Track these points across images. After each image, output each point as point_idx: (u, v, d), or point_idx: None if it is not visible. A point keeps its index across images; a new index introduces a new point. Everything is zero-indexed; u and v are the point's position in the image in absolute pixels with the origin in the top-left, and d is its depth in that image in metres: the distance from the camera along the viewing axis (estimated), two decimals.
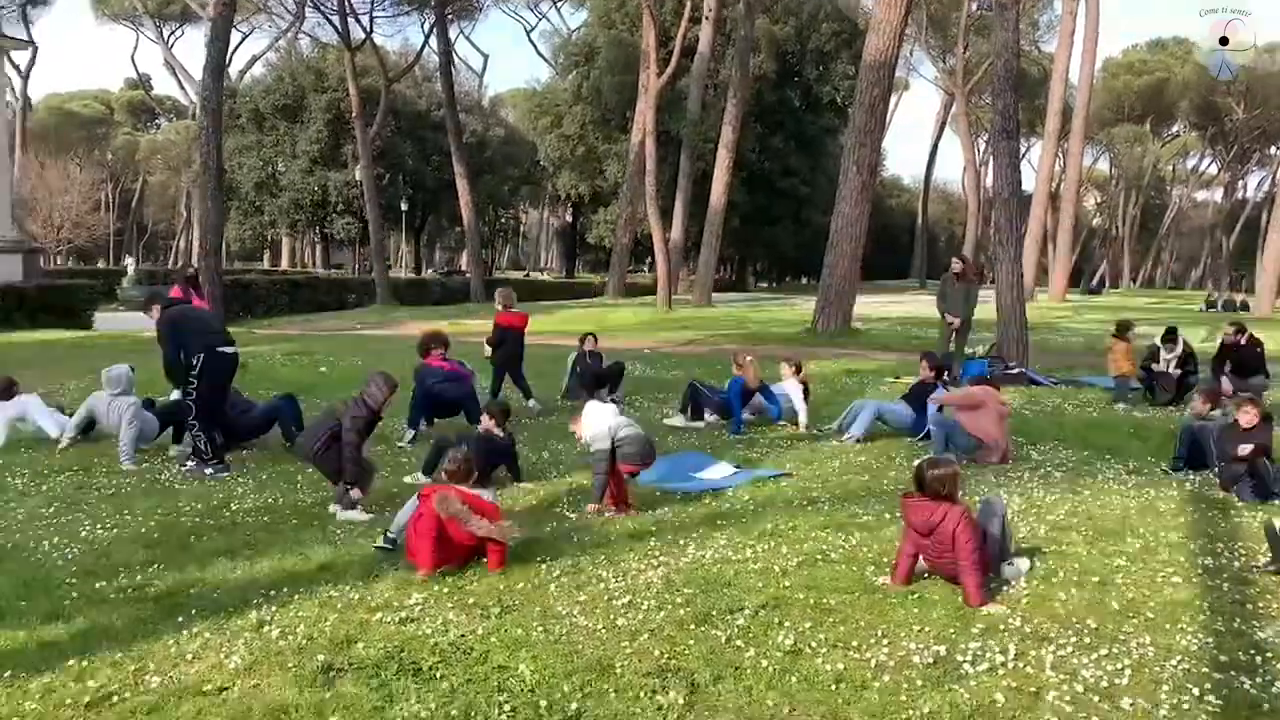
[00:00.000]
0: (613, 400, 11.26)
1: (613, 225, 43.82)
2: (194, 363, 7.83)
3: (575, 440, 7.50)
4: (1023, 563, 5.37)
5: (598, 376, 11.61)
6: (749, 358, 10.16)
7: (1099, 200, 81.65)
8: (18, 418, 8.89)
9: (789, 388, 9.99)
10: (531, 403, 11.13)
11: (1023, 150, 50.73)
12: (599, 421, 6.76)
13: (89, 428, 8.68)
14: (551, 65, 54.91)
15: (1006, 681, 4.04)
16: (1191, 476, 7.89)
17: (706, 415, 10.26)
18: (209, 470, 7.80)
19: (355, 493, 6.54)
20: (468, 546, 5.35)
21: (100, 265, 55.60)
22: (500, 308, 11.52)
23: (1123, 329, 12.65)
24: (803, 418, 9.80)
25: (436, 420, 9.76)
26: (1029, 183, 41.62)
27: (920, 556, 5.19)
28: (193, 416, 7.90)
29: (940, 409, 8.97)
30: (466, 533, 5.28)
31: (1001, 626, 4.62)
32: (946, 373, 12.90)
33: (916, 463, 5.55)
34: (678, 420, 10.27)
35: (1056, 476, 7.92)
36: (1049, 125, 36.87)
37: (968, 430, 8.38)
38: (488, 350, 11.07)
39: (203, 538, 6.14)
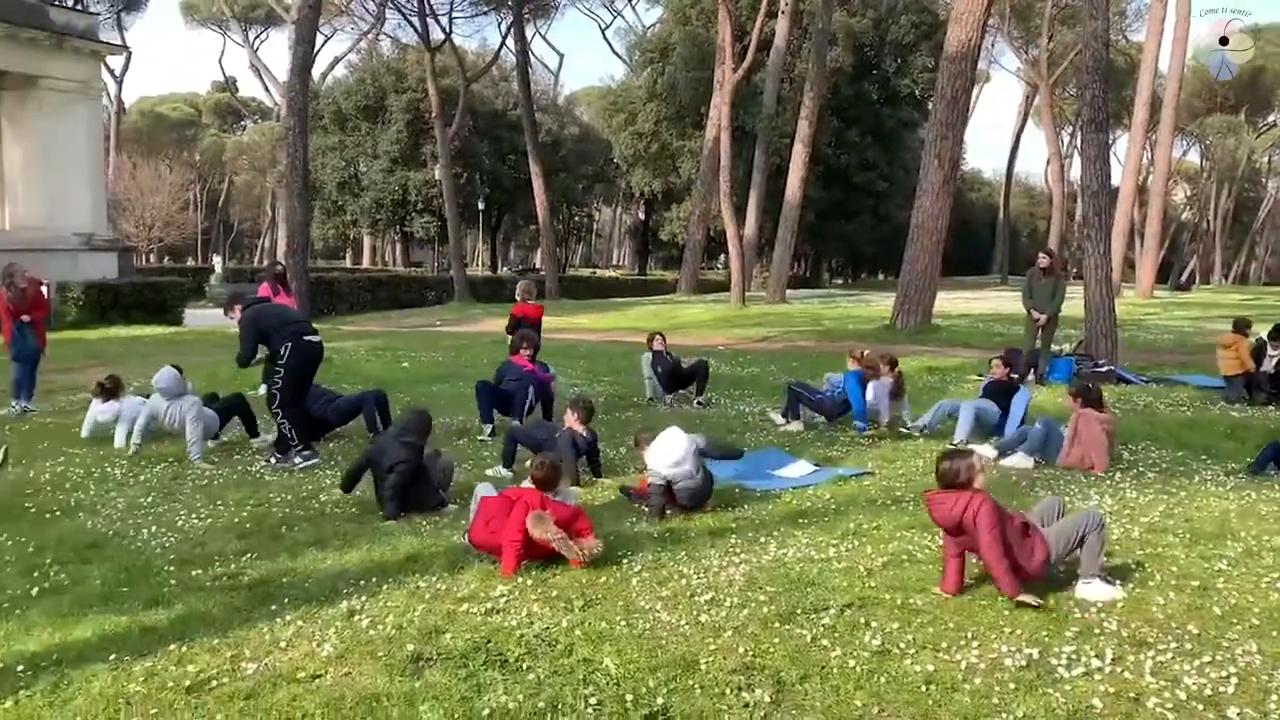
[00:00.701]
0: (698, 403, 11.15)
1: (685, 222, 43.74)
2: (281, 352, 8.00)
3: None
4: (1103, 590, 4.91)
5: (675, 376, 11.42)
6: (866, 350, 9.92)
7: (1189, 193, 78.93)
8: (110, 420, 8.97)
9: (879, 385, 9.68)
10: None
11: (1110, 142, 49.39)
12: (665, 460, 6.55)
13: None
14: (626, 62, 55.10)
15: (1104, 686, 3.92)
16: None
17: (804, 416, 9.93)
18: (298, 460, 7.97)
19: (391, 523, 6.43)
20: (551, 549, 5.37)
21: (189, 263, 57.38)
22: (519, 299, 12.50)
23: (1244, 326, 12.15)
24: (884, 416, 9.60)
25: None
26: (1116, 175, 40.47)
27: (970, 557, 5.06)
28: (276, 405, 8.07)
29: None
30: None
31: (1097, 630, 4.50)
32: (1033, 370, 12.65)
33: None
34: (780, 421, 9.97)
35: (1150, 477, 7.68)
36: (1137, 116, 35.72)
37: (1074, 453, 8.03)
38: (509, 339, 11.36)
39: (293, 528, 6.29)
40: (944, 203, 18.76)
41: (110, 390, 9.11)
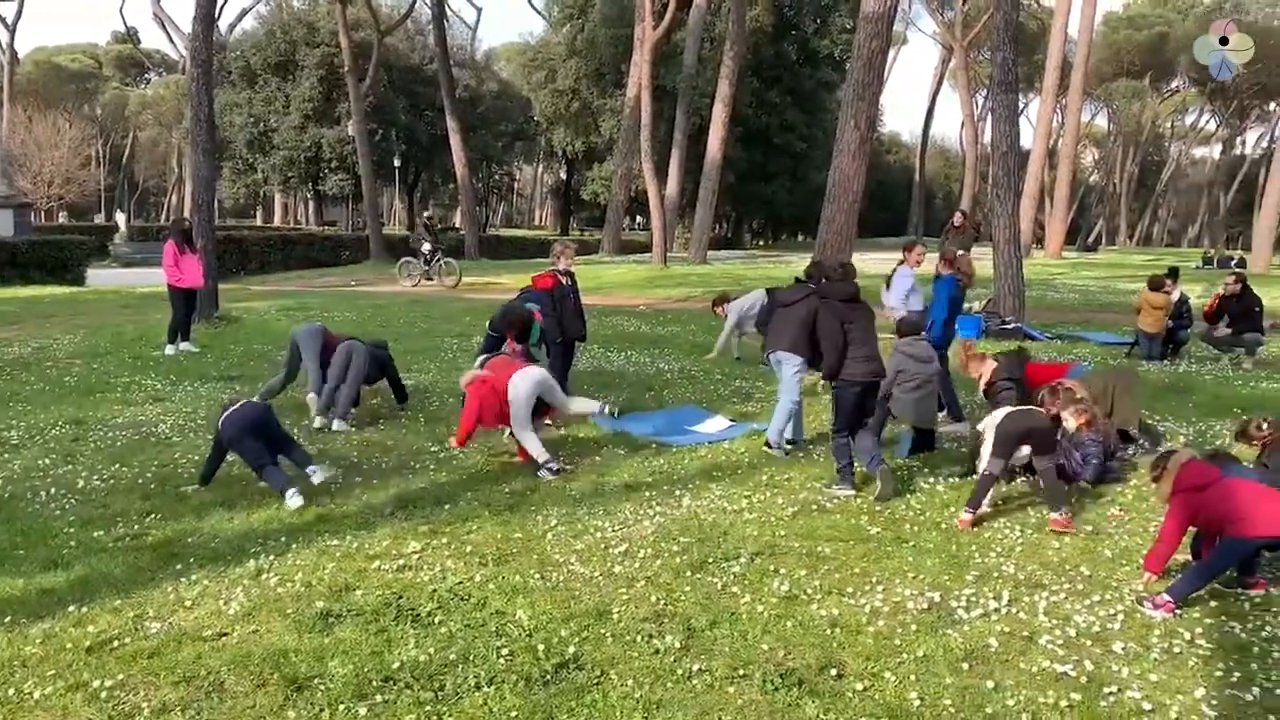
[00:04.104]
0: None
1: (608, 182, 43.47)
2: None
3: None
4: None
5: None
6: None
7: (1097, 156, 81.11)
8: None
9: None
10: None
11: (1022, 106, 50.30)
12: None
13: None
14: (545, 18, 54.01)
15: (1000, 626, 4.08)
16: (1189, 433, 7.93)
17: None
18: None
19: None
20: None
21: (93, 221, 55.24)
22: None
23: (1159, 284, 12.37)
24: None
25: None
26: (1027, 138, 41.28)
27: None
28: None
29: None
30: None
31: (996, 574, 4.67)
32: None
33: None
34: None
35: None
36: (1048, 80, 36.49)
37: None
38: None
39: (199, 488, 6.14)
40: (860, 163, 18.91)
41: None
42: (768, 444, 6.98)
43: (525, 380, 6.52)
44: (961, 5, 48.77)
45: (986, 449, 5.53)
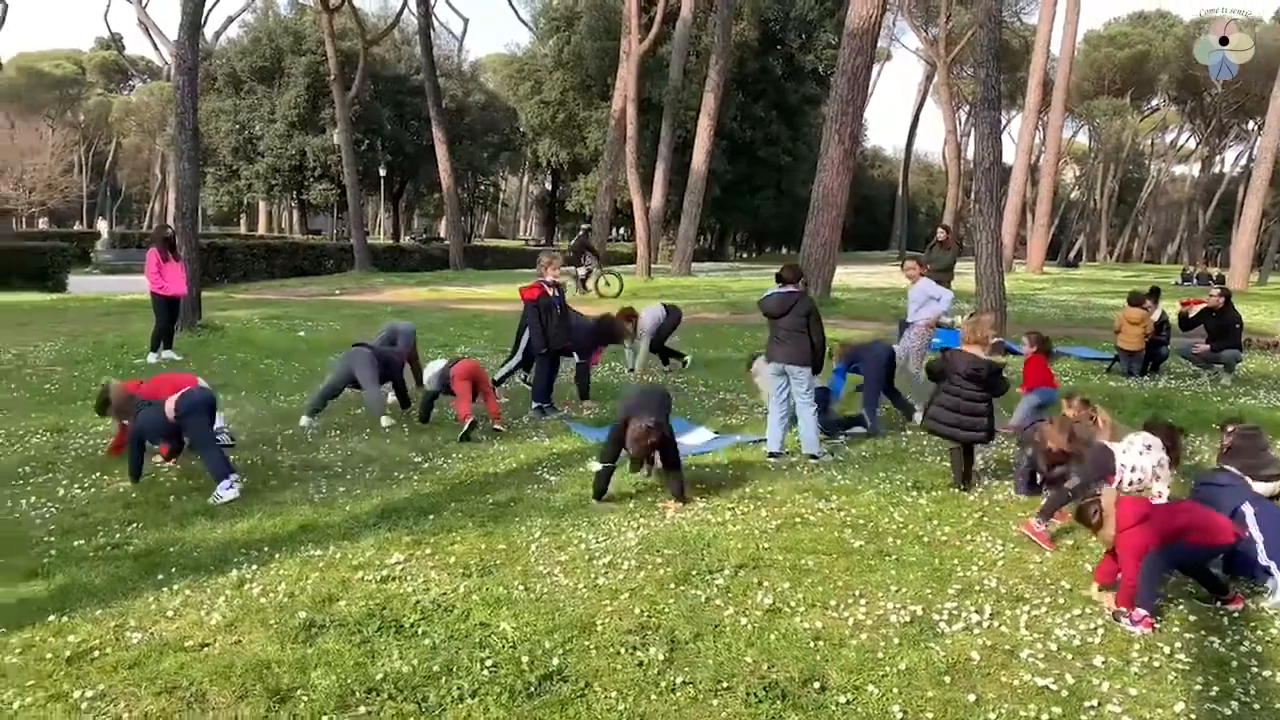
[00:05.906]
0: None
1: (593, 193, 43.53)
2: None
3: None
4: None
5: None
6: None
7: (1078, 173, 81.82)
8: None
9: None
10: None
11: (1004, 122, 50.75)
12: None
13: None
14: (532, 30, 54.14)
15: (982, 640, 4.11)
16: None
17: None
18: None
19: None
20: None
21: (75, 228, 54.90)
22: None
23: (1139, 301, 12.42)
24: None
25: None
26: (1009, 154, 41.70)
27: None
28: None
29: None
30: None
31: (977, 587, 4.70)
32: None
33: None
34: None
35: None
36: (1030, 97, 36.86)
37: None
38: None
39: (181, 498, 6.11)
40: (844, 178, 19.05)
41: None
42: (813, 456, 7.23)
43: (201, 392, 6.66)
44: (945, 22, 49.13)
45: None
